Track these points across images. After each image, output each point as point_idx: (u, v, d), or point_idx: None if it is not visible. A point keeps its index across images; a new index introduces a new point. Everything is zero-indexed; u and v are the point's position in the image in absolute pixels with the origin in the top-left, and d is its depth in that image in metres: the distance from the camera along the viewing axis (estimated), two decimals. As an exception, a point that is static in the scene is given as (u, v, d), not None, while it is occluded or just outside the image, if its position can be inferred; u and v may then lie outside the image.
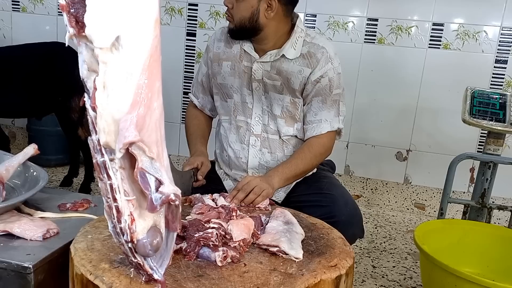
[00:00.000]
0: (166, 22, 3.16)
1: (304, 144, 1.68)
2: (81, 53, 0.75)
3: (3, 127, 3.49)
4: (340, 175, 3.18)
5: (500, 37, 2.80)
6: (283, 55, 1.63)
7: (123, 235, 0.77)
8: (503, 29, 2.79)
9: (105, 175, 0.76)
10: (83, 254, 1.02)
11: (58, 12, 3.48)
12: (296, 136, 1.71)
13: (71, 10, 0.70)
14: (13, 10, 3.55)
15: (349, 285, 1.13)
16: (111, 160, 0.75)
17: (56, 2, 3.48)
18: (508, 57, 2.81)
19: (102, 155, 0.75)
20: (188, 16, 3.13)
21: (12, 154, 1.57)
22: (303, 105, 1.67)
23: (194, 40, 3.16)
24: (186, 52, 3.18)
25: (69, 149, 3.00)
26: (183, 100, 3.23)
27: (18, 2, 3.52)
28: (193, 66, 3.19)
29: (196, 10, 3.12)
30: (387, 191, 3.16)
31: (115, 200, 0.76)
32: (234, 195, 1.43)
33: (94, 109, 0.72)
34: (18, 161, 1.50)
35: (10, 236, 1.18)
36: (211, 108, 1.84)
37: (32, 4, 3.51)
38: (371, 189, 3.18)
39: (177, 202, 0.74)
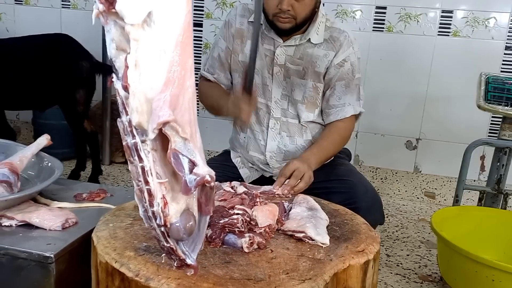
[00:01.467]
0: (172, 13, 3.12)
1: (331, 127, 1.66)
2: (109, 32, 0.72)
3: (8, 122, 3.46)
4: (350, 165, 3.16)
5: (511, 23, 2.77)
6: (308, 40, 1.62)
7: (156, 219, 0.75)
8: (514, 15, 2.76)
9: (136, 158, 0.74)
10: (106, 242, 1.00)
11: (62, 4, 3.45)
12: (315, 122, 1.70)
13: (101, -14, 0.68)
14: (15, 3, 3.51)
15: (376, 270, 1.11)
16: (143, 141, 0.73)
17: (59, -5, 3.44)
18: (518, 44, 2.79)
19: (133, 136, 0.73)
20: (195, 6, 3.09)
21: (24, 145, 1.55)
22: (326, 90, 1.66)
23: (201, 31, 3.12)
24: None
25: (75, 143, 2.97)
26: (190, 92, 3.20)
27: (21, -6, 3.49)
28: (200, 57, 3.15)
29: (203, 0, 3.09)
30: (397, 180, 3.13)
31: (147, 183, 0.74)
32: (283, 182, 1.40)
33: (125, 88, 0.69)
34: (31, 151, 1.49)
35: (28, 226, 1.17)
36: (227, 85, 1.77)
37: (35, -4, 3.47)
38: (381, 179, 3.16)
39: (212, 184, 0.72)
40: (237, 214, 1.08)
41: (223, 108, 1.60)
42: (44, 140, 1.54)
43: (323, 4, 2.95)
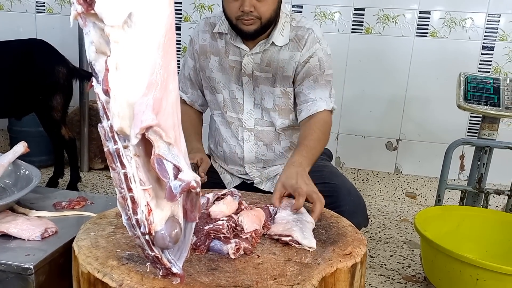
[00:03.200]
0: (150, 16, 3.09)
1: (309, 124, 1.55)
2: (88, 34, 0.69)
3: (-18, 130, 3.37)
4: (331, 167, 3.17)
5: (487, 24, 2.82)
6: (272, 43, 1.57)
7: (140, 227, 0.72)
8: (489, 15, 2.81)
9: (118, 164, 0.71)
10: (88, 252, 0.97)
11: (37, 9, 3.38)
12: (292, 126, 1.67)
13: (79, -14, 0.65)
14: (-10, 8, 3.43)
15: (363, 272, 1.10)
16: (125, 147, 0.70)
17: (34, 0, 3.37)
18: (494, 44, 2.83)
19: (115, 142, 0.70)
20: (172, 10, 3.06)
21: (0, 153, 1.50)
22: (294, 88, 1.61)
23: (179, 35, 3.09)
24: (171, 47, 3.11)
25: (53, 150, 2.90)
26: (170, 96, 3.17)
27: (-4, -2, 3.41)
28: (179, 61, 3.12)
29: (181, 3, 3.06)
30: (378, 182, 3.15)
31: (130, 190, 0.71)
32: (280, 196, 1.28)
33: (106, 92, 0.66)
34: (8, 159, 1.44)
35: (6, 237, 1.13)
36: (202, 103, 1.76)
37: (9, 1, 3.39)
38: (362, 180, 3.17)
39: (197, 190, 0.70)
40: (222, 219, 1.06)
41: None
42: (20, 147, 1.49)
43: (301, 6, 2.99)
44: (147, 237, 0.73)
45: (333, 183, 1.57)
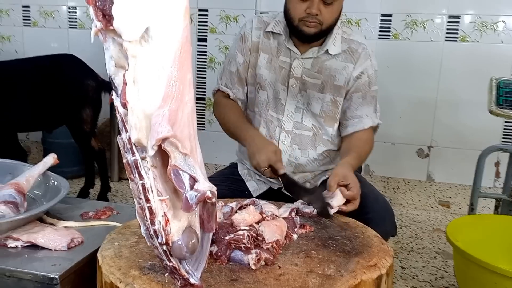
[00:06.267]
0: (177, 28, 3.14)
1: (353, 138, 1.63)
2: (108, 49, 0.71)
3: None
4: (360, 175, 3.12)
5: (520, 26, 2.74)
6: (326, 51, 1.62)
7: (157, 238, 0.73)
8: (522, 17, 2.73)
9: (136, 175, 0.72)
10: (111, 262, 0.98)
11: (69, 24, 3.49)
12: (332, 135, 1.69)
13: (98, 3, 0.67)
14: (24, 25, 3.56)
15: (390, 285, 1.07)
16: (143, 158, 0.71)
17: (66, 16, 3.48)
18: (529, 47, 2.75)
19: (133, 153, 0.71)
20: (199, 21, 3.10)
21: (31, 165, 1.55)
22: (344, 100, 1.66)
23: (206, 46, 3.13)
24: (197, 58, 3.15)
25: (83, 161, 2.98)
26: (197, 106, 3.20)
27: (29, 17, 3.53)
28: (205, 71, 3.16)
29: (207, 15, 3.10)
30: (409, 190, 3.08)
31: (147, 201, 0.72)
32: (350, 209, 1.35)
33: (124, 105, 0.68)
34: (38, 171, 1.48)
35: (34, 247, 1.15)
36: (243, 100, 1.76)
37: (43, 18, 3.51)
38: (393, 188, 3.11)
39: (213, 200, 0.70)
40: (243, 229, 1.05)
41: (243, 142, 1.64)
42: (50, 159, 1.54)
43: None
44: (164, 247, 0.74)
45: (361, 191, 1.55)
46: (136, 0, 0.65)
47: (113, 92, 0.73)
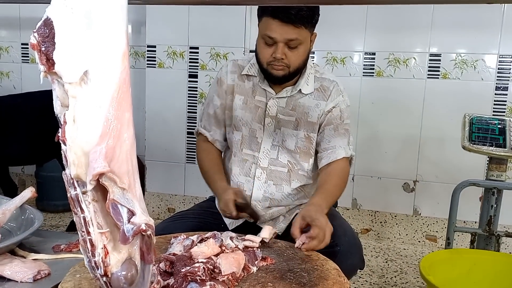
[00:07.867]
0: (169, 65, 3.23)
1: (328, 170, 1.66)
2: (55, 90, 0.77)
3: (14, 175, 3.54)
4: (348, 209, 3.13)
5: (499, 65, 2.81)
6: (299, 90, 1.69)
7: (98, 269, 0.76)
8: (501, 56, 2.80)
9: (78, 209, 0.76)
10: (69, 294, 1.01)
11: (65, 61, 3.59)
12: (308, 170, 1.74)
13: (42, 48, 0.73)
14: (22, 62, 3.68)
15: (344, 317, 1.09)
16: (84, 193, 0.75)
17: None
18: (508, 84, 2.81)
19: (75, 188, 0.75)
20: (190, 58, 3.20)
21: (10, 198, 1.59)
22: (317, 135, 1.72)
23: (196, 81, 3.22)
24: (188, 93, 3.23)
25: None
26: (187, 140, 3.26)
27: (28, 53, 3.65)
28: (195, 106, 3.23)
29: (197, 52, 3.20)
30: (396, 224, 3.09)
31: (88, 233, 0.76)
32: (311, 246, 1.34)
33: (64, 143, 0.73)
34: (15, 204, 1.52)
35: (1, 278, 1.18)
36: (222, 141, 1.84)
37: (41, 55, 3.63)
38: (380, 222, 3.12)
39: (148, 232, 0.74)
40: (200, 262, 1.08)
41: (213, 190, 1.74)
42: (28, 192, 1.58)
43: (314, 52, 3.06)
44: (104, 278, 0.77)
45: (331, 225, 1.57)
46: (75, 46, 0.71)
47: (59, 130, 0.78)
